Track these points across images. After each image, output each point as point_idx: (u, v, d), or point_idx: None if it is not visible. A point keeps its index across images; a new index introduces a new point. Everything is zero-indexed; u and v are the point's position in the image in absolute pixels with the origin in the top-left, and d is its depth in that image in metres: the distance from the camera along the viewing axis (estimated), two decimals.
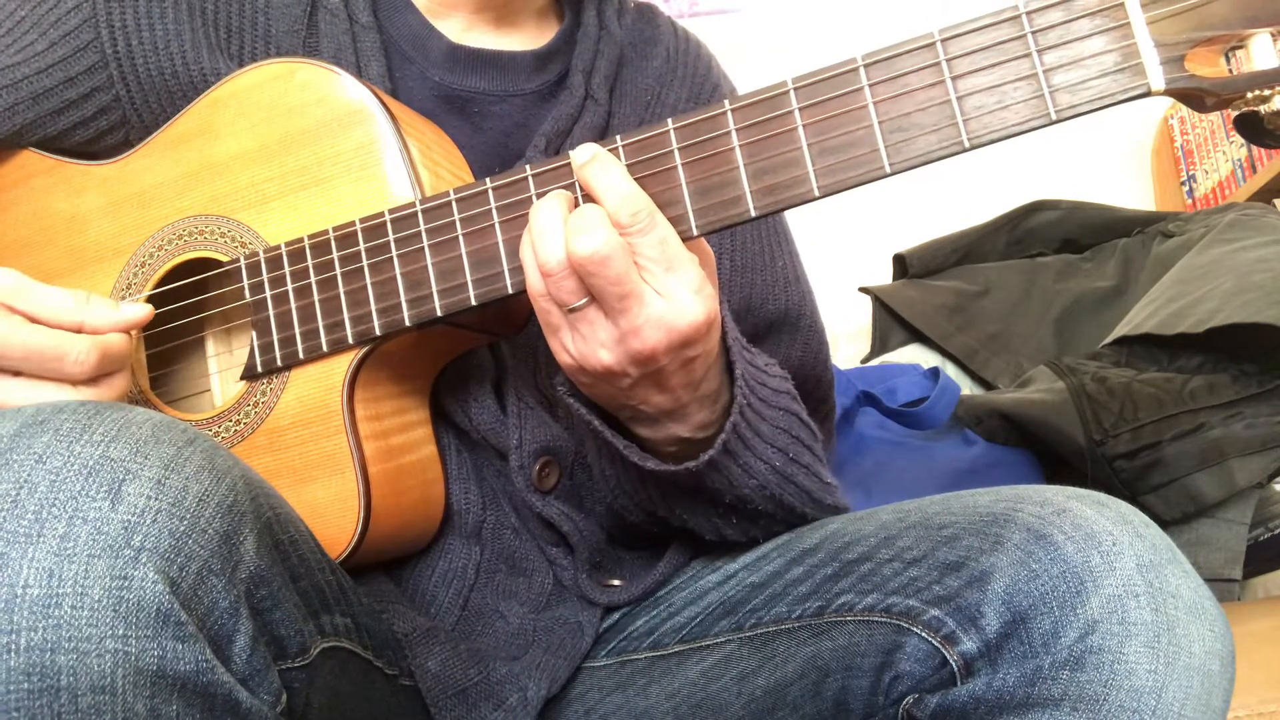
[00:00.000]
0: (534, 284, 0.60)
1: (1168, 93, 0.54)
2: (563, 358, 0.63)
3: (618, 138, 0.61)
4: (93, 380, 0.63)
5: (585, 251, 0.57)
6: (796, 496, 0.72)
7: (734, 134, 0.60)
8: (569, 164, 0.62)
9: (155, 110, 0.76)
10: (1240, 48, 0.54)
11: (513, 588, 0.75)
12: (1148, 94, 0.54)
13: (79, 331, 0.63)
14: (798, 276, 0.88)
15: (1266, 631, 1.11)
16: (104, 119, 0.77)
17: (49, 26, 0.76)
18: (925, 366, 1.59)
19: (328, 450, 0.68)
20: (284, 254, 0.69)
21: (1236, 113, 0.55)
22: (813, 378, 0.87)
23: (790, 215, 0.79)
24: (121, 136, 0.78)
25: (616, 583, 0.77)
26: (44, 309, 0.62)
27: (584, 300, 0.59)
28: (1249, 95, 0.54)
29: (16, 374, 0.61)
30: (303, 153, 0.70)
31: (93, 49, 0.75)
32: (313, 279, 0.68)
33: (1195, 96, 0.55)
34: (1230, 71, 0.54)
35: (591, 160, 0.60)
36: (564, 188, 0.62)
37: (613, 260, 0.57)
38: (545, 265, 0.59)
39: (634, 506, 0.73)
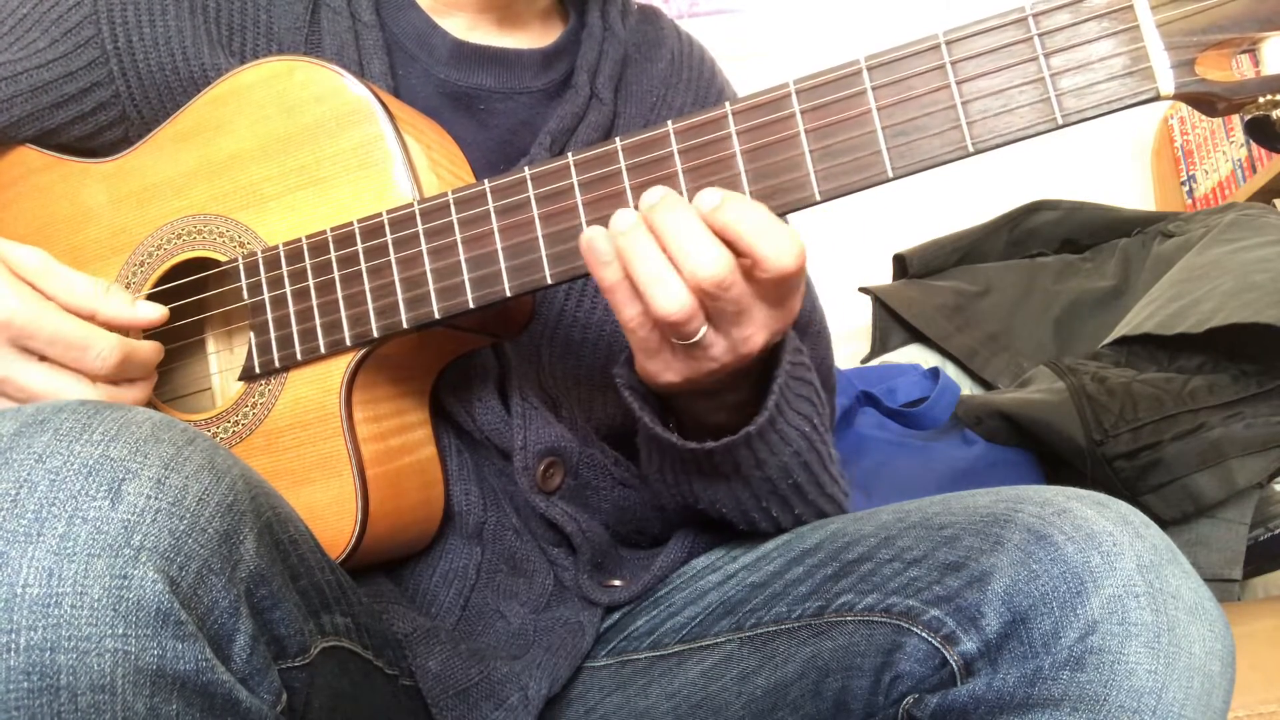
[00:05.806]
0: (642, 323, 0.60)
1: (1177, 97, 0.53)
2: (666, 376, 0.63)
3: (616, 139, 0.61)
4: (113, 381, 0.65)
5: (710, 275, 0.56)
6: (822, 469, 0.72)
7: (734, 137, 0.59)
8: (567, 164, 0.62)
9: (155, 106, 0.76)
10: (1252, 51, 0.53)
11: (513, 588, 0.75)
12: (1157, 98, 0.53)
13: (91, 319, 0.65)
14: (807, 281, 0.88)
15: (1266, 631, 1.11)
16: (103, 114, 0.77)
17: (50, 24, 0.76)
18: (925, 366, 1.59)
19: (325, 452, 0.68)
20: (281, 255, 0.69)
21: (1249, 117, 0.54)
22: (818, 382, 0.87)
23: (790, 215, 0.79)
24: (121, 133, 0.78)
25: (618, 583, 0.77)
26: (63, 292, 0.65)
27: (704, 329, 0.59)
28: (1261, 100, 0.53)
29: (43, 359, 0.63)
30: (301, 152, 0.70)
31: (93, 45, 0.75)
32: (310, 280, 0.68)
33: (1206, 101, 0.53)
34: (1241, 75, 0.53)
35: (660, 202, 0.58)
36: (562, 189, 0.62)
37: (735, 281, 0.57)
38: (666, 312, 0.57)
39: (670, 495, 0.74)
